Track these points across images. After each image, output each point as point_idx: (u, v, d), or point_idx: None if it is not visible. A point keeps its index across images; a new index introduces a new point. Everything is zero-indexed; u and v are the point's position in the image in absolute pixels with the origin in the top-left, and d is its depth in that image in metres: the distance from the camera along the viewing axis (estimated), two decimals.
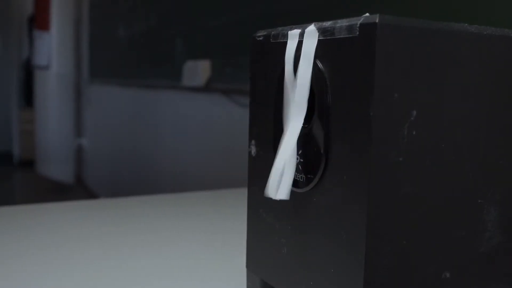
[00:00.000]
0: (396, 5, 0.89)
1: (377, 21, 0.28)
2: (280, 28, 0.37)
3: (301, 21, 1.15)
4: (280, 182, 0.34)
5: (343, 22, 0.31)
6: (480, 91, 0.31)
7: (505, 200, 0.33)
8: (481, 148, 0.32)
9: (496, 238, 0.33)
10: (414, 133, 0.29)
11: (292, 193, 0.35)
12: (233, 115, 1.62)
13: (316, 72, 0.32)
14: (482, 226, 0.32)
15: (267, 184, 0.34)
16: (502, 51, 0.32)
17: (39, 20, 4.04)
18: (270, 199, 0.38)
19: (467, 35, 0.31)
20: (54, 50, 3.91)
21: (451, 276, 0.32)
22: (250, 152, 0.40)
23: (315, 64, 0.32)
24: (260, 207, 0.39)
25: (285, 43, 0.35)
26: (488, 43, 0.31)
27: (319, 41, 0.32)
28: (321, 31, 0.32)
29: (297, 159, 0.35)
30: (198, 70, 1.66)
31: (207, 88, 1.66)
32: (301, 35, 0.34)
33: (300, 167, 0.34)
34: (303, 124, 0.34)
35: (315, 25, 0.33)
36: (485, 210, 0.32)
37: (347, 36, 0.30)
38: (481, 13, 0.72)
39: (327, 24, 0.32)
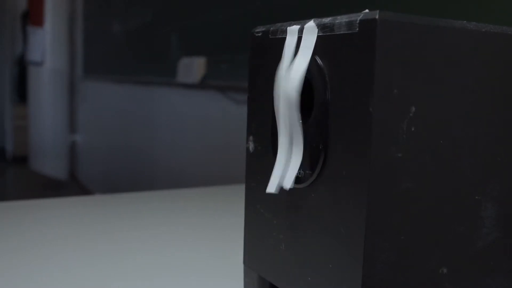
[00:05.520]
0: (395, 1, 0.89)
1: (377, 17, 0.28)
2: (279, 24, 0.37)
3: (299, 17, 1.15)
4: (281, 178, 0.34)
5: (342, 18, 0.31)
6: (479, 88, 0.32)
7: (502, 197, 0.33)
8: (479, 145, 0.32)
9: (493, 234, 0.33)
10: (413, 129, 0.30)
11: (290, 188, 0.35)
12: (228, 112, 1.62)
13: (315, 68, 0.32)
14: (479, 222, 0.33)
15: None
16: (500, 48, 0.32)
17: (33, 15, 4.03)
18: (269, 194, 0.38)
19: (466, 32, 0.31)
20: (48, 46, 3.90)
21: (449, 272, 0.32)
22: (248, 148, 0.40)
23: (314, 60, 0.33)
24: (258, 203, 0.39)
25: (284, 39, 0.35)
26: (486, 40, 0.32)
27: (318, 37, 0.32)
28: (321, 27, 0.32)
29: None
30: (194, 67, 1.66)
31: (202, 85, 1.66)
32: (300, 31, 0.34)
33: None
34: (302, 120, 0.34)
35: (314, 21, 0.33)
36: (482, 207, 0.33)
37: (347, 32, 0.30)
38: (480, 10, 0.72)
39: (327, 20, 0.32)
